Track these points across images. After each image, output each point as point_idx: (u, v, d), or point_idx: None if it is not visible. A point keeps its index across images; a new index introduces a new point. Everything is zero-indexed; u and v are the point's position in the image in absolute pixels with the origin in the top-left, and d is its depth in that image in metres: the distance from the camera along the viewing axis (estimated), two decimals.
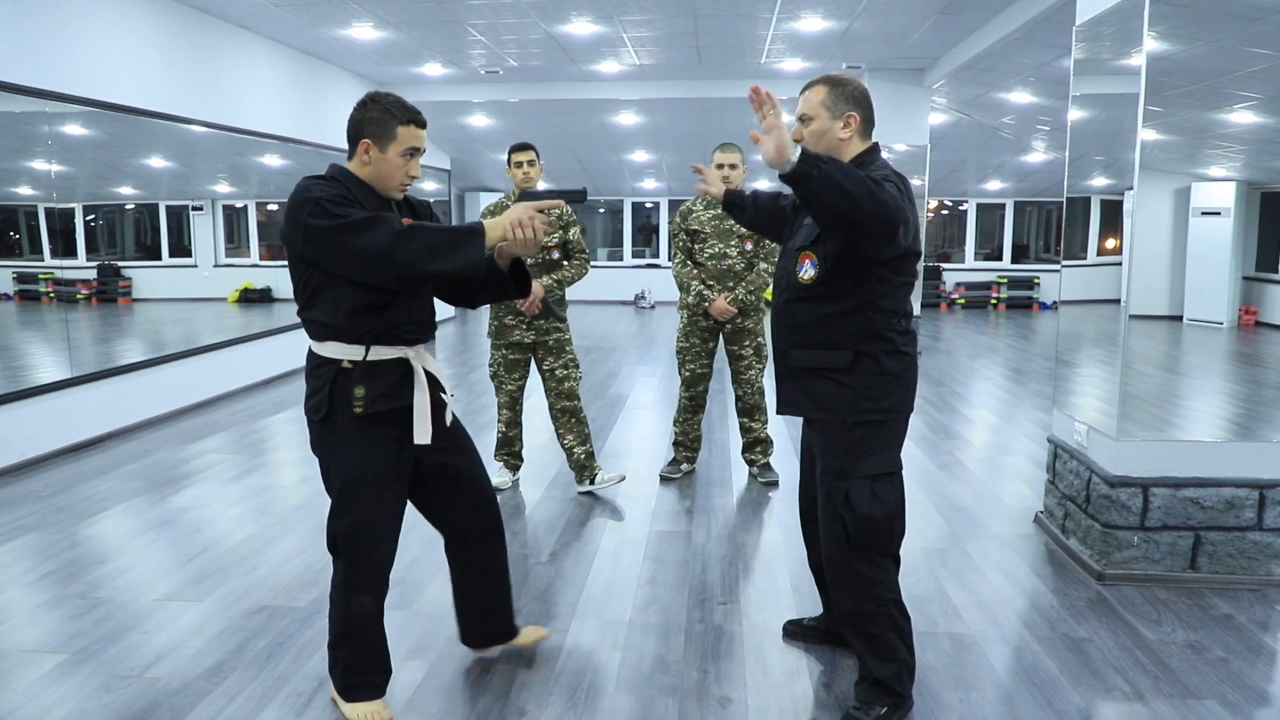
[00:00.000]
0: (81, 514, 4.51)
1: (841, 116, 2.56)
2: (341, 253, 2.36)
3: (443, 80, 10.50)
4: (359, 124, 2.48)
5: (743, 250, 4.77)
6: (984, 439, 6.20)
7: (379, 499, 2.58)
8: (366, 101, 2.50)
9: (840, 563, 2.59)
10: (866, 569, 2.57)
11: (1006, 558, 3.97)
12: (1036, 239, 15.87)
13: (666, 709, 2.74)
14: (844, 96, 2.56)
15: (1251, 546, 3.63)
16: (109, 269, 7.43)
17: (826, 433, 2.60)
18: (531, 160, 4.63)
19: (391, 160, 2.49)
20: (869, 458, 2.54)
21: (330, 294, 2.47)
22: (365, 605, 2.62)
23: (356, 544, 2.58)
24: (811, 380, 2.59)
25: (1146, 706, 2.75)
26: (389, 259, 2.34)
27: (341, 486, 2.56)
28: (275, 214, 9.99)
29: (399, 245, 2.33)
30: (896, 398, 2.57)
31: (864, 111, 2.58)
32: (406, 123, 2.47)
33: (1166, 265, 3.98)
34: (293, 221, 2.39)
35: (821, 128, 2.55)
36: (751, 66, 9.71)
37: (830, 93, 2.56)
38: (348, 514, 2.56)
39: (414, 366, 2.58)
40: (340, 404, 2.50)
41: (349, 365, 2.49)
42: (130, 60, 6.42)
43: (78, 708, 2.72)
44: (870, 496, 2.54)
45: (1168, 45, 3.52)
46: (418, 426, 2.57)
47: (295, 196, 2.41)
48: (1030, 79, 9.18)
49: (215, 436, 6.14)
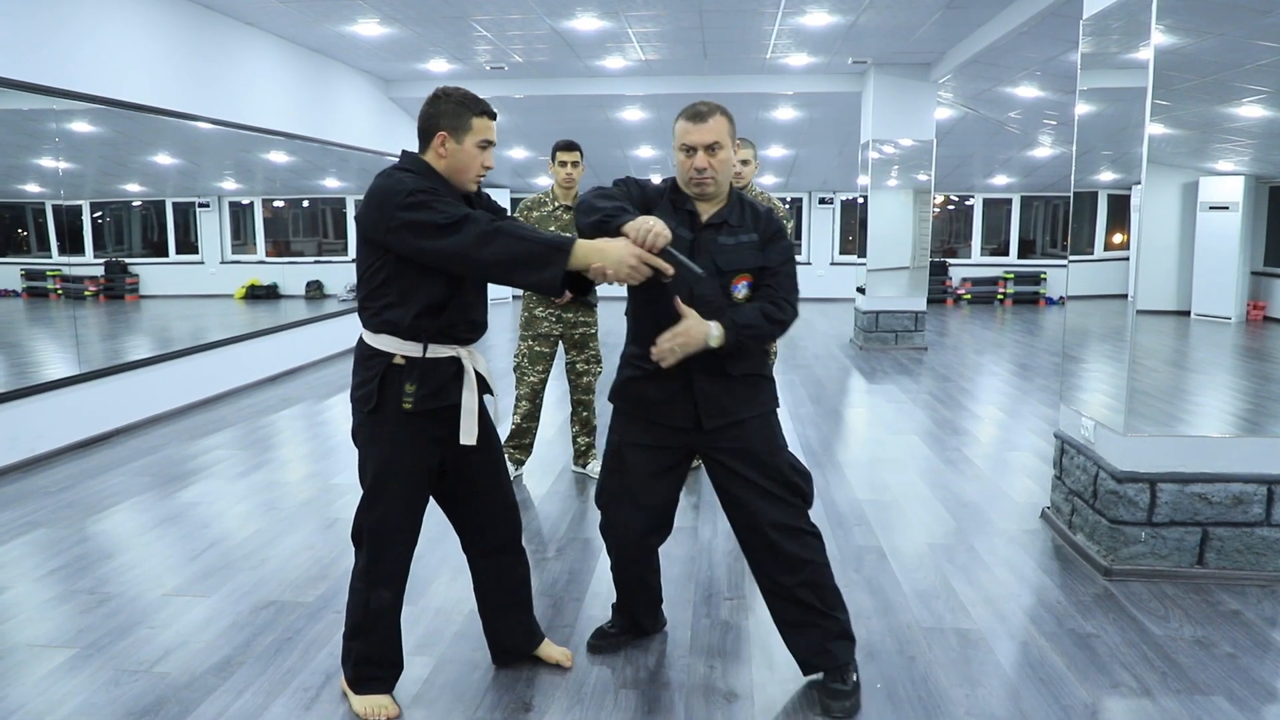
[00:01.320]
0: (89, 509, 4.53)
1: (734, 146, 2.73)
2: (427, 248, 2.36)
3: (448, 76, 10.50)
4: (433, 117, 2.50)
5: None
6: (990, 434, 6.19)
7: (407, 495, 2.61)
8: (439, 95, 2.52)
9: (793, 531, 2.74)
10: (811, 525, 2.79)
11: (1013, 553, 3.96)
12: (1043, 234, 15.82)
13: (673, 704, 2.75)
14: (734, 127, 2.71)
15: (1259, 542, 3.62)
16: (116, 265, 7.46)
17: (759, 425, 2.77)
18: (576, 161, 4.74)
19: (468, 151, 2.51)
20: (779, 434, 2.83)
21: (398, 287, 2.47)
22: (384, 600, 2.63)
23: (380, 538, 2.59)
24: (742, 385, 2.73)
25: (1154, 702, 2.75)
26: (474, 262, 2.36)
27: (374, 479, 2.57)
28: (281, 210, 10.01)
29: (485, 248, 2.34)
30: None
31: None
32: (480, 114, 2.51)
33: (1174, 260, 3.97)
34: (380, 211, 2.39)
35: (728, 156, 2.65)
36: (757, 61, 9.69)
37: (730, 122, 2.67)
38: (376, 507, 2.58)
39: (465, 366, 2.58)
40: (389, 398, 2.50)
41: (401, 361, 2.49)
42: (137, 57, 6.43)
43: (86, 702, 2.74)
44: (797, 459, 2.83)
45: (1176, 39, 3.51)
46: (465, 427, 2.58)
47: (386, 186, 2.41)
48: (1037, 73, 9.15)
49: (222, 432, 6.16)
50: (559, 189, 4.78)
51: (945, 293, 15.30)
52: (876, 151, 10.12)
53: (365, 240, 2.49)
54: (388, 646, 2.70)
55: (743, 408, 2.73)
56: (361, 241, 2.51)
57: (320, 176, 10.52)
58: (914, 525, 4.31)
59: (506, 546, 2.83)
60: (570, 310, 4.83)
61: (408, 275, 2.47)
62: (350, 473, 5.13)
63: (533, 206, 4.82)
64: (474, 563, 2.86)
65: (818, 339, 11.01)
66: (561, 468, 5.24)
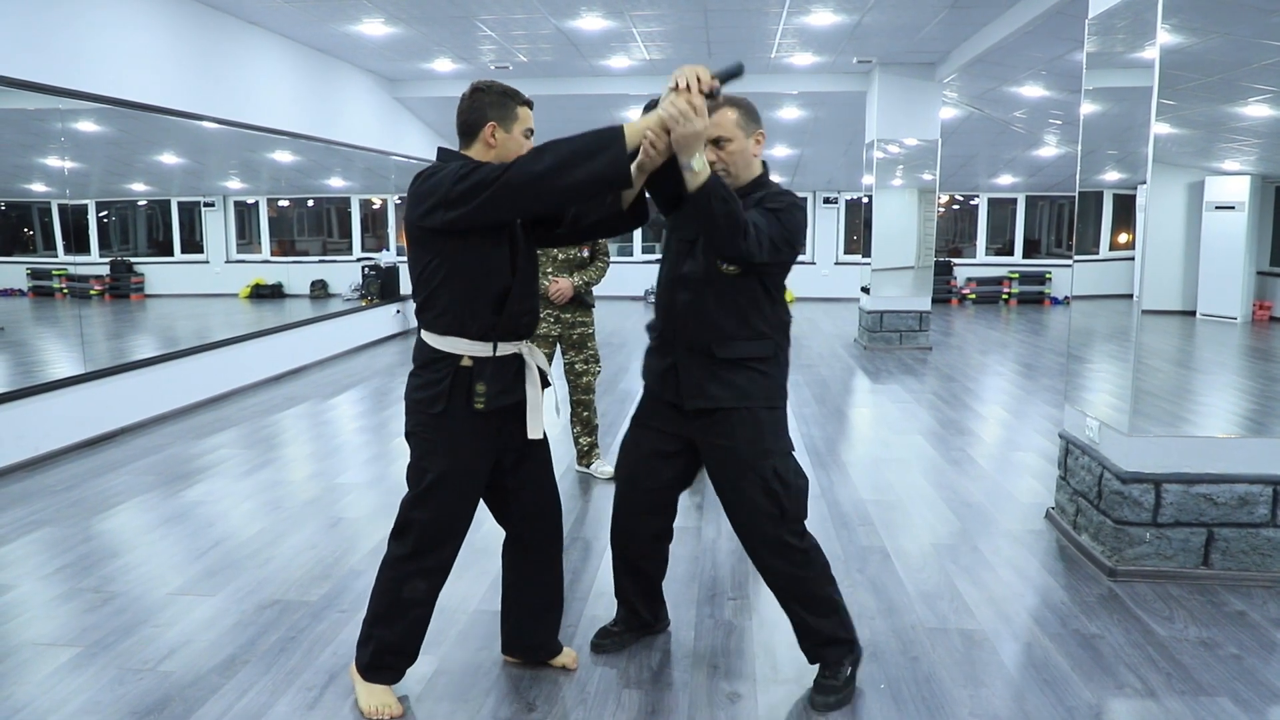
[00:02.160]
0: (95, 508, 4.54)
1: (753, 135, 2.68)
2: (487, 200, 2.33)
3: (453, 75, 10.51)
4: (479, 109, 2.53)
5: None
6: (995, 434, 6.18)
7: (467, 495, 2.63)
8: (480, 88, 2.55)
9: (772, 538, 2.70)
10: (798, 540, 2.71)
11: (1017, 553, 3.95)
12: (1048, 234, 15.79)
13: (676, 704, 2.75)
14: (751, 117, 2.68)
15: (1265, 543, 3.60)
16: (121, 265, 7.49)
17: (737, 423, 2.67)
18: None
19: (516, 139, 2.54)
20: (779, 439, 2.71)
21: (460, 284, 2.48)
22: (419, 591, 2.64)
23: (435, 535, 2.60)
24: (728, 370, 2.67)
25: (1158, 703, 2.74)
26: (535, 178, 2.31)
27: (438, 478, 2.56)
28: (286, 210, 10.03)
29: (539, 163, 2.31)
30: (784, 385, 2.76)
31: (762, 128, 2.73)
32: (522, 104, 2.57)
33: (1180, 260, 3.96)
34: (433, 193, 2.39)
35: (739, 147, 2.65)
36: (762, 61, 9.68)
37: (741, 113, 2.65)
38: (434, 504, 2.58)
39: (527, 361, 2.61)
40: (458, 399, 2.51)
41: (469, 362, 2.51)
42: (142, 57, 6.44)
43: (91, 700, 2.74)
44: (793, 470, 2.70)
45: (1181, 38, 3.50)
46: (532, 421, 2.61)
47: (435, 174, 2.42)
48: (1042, 73, 9.13)
49: (227, 431, 6.17)
50: None
51: (950, 292, 15.27)
52: (881, 151, 10.11)
53: (420, 235, 2.48)
54: (410, 637, 2.70)
55: (726, 395, 2.66)
56: (415, 241, 2.51)
57: (325, 176, 10.55)
58: (918, 525, 4.30)
59: (548, 542, 2.84)
60: (568, 311, 4.84)
61: (468, 270, 2.48)
62: (354, 472, 5.15)
63: None
64: (513, 557, 2.85)
65: (822, 339, 11.00)
66: (564, 468, 5.24)
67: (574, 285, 4.76)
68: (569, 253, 4.78)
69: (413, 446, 2.62)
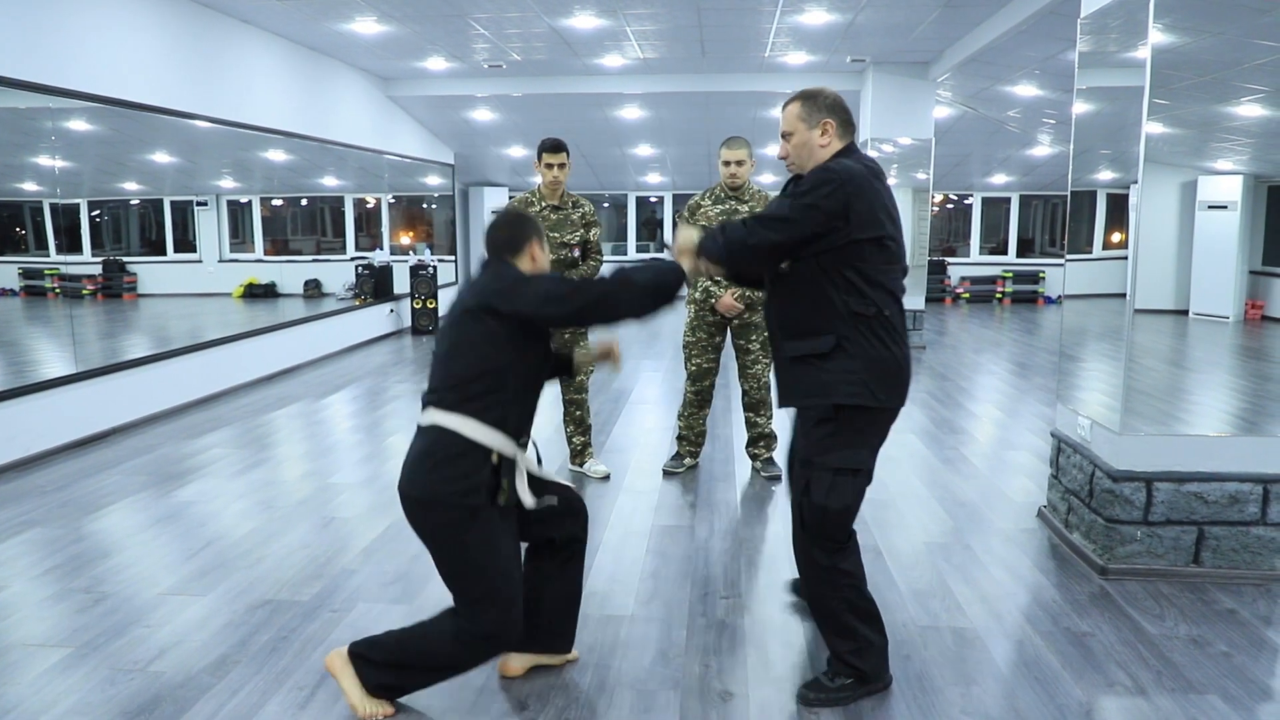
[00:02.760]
0: (86, 509, 4.52)
1: (819, 124, 2.72)
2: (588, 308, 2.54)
3: (446, 74, 10.49)
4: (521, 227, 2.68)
5: None
6: (988, 433, 6.19)
7: (519, 573, 2.64)
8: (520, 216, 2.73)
9: (800, 547, 2.76)
10: (821, 556, 2.69)
11: (1009, 552, 3.96)
12: (1042, 233, 15.82)
13: (668, 703, 2.75)
14: (818, 106, 2.72)
15: (1255, 541, 3.62)
16: (114, 264, 7.46)
17: (805, 421, 2.72)
18: (563, 163, 4.72)
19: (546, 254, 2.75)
20: (836, 451, 2.63)
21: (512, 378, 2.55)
22: (477, 661, 2.67)
23: (506, 620, 2.57)
24: (798, 368, 2.67)
25: (1148, 701, 2.75)
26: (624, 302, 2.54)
27: (497, 577, 2.54)
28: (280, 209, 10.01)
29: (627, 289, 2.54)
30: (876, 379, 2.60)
31: (839, 116, 2.73)
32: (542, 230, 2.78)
33: (1172, 259, 3.97)
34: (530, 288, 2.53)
35: (801, 139, 2.74)
36: (755, 60, 9.69)
37: (804, 105, 2.73)
38: (502, 598, 2.55)
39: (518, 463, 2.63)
40: (487, 496, 2.52)
41: (496, 460, 2.53)
42: (134, 55, 6.42)
43: (82, 701, 2.73)
44: (828, 488, 2.63)
45: (1174, 37, 3.50)
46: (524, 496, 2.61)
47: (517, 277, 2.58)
48: (1036, 72, 9.14)
49: (219, 431, 6.16)
50: (546, 189, 4.76)
51: (944, 291, 15.29)
52: (875, 150, 10.11)
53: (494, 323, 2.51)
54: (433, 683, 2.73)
55: (797, 394, 2.70)
56: (477, 319, 2.53)
57: (319, 175, 10.52)
58: (911, 524, 4.31)
59: (578, 538, 2.89)
60: None
61: (524, 365, 2.57)
62: (347, 471, 5.14)
63: (520, 207, 4.80)
64: (541, 559, 2.87)
65: None
66: (556, 467, 5.24)
67: None
68: (560, 253, 4.76)
69: (431, 533, 2.59)
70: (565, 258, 4.79)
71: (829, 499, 2.63)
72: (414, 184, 12.57)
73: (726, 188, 4.75)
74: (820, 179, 2.56)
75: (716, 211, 4.75)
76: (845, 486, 2.64)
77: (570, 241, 4.79)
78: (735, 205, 4.72)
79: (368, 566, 3.78)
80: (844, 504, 2.65)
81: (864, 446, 2.68)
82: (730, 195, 4.74)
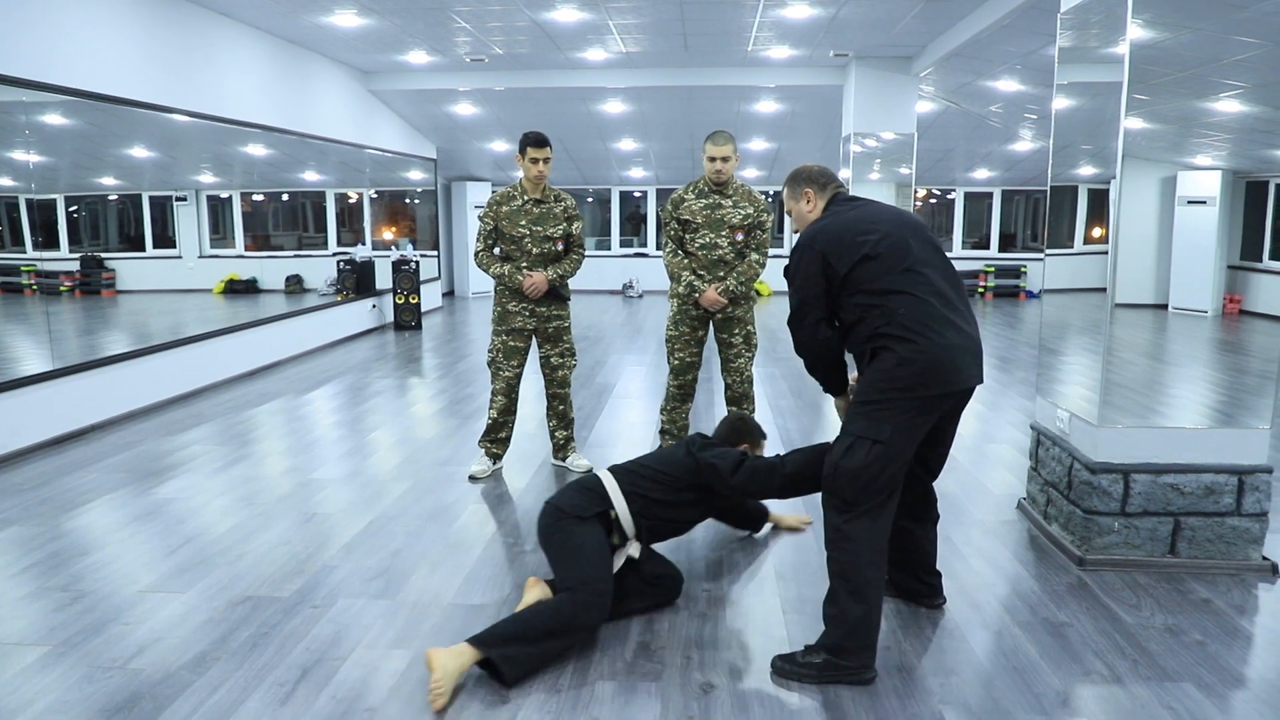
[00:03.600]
0: (64, 506, 4.49)
1: (802, 196, 3.22)
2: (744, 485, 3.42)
3: (427, 68, 10.45)
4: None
5: (733, 240, 4.75)
6: (970, 427, 6.22)
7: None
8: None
9: (824, 506, 2.97)
10: (832, 515, 2.91)
11: (989, 543, 3.99)
12: (1024, 228, 15.91)
13: (649, 695, 2.75)
14: (796, 182, 3.24)
15: (1230, 532, 3.65)
16: (92, 260, 7.39)
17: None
18: (548, 158, 4.70)
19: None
20: (859, 421, 2.89)
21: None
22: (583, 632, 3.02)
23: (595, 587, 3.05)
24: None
25: (1124, 689, 2.77)
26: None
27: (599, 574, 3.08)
28: (260, 204, 9.95)
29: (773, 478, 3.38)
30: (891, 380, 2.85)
31: (816, 182, 3.21)
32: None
33: (1152, 254, 3.99)
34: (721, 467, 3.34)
35: (795, 210, 3.26)
36: (739, 54, 9.69)
37: (787, 188, 3.28)
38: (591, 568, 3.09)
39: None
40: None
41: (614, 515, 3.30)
42: (110, 48, 6.37)
43: (60, 699, 2.72)
44: (846, 449, 2.87)
45: (1153, 33, 3.52)
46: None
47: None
48: (1017, 67, 9.18)
49: (200, 428, 6.12)
50: (528, 183, 4.75)
51: None
52: (858, 145, 10.14)
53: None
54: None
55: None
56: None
57: (300, 170, 10.46)
58: None
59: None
60: (543, 304, 4.82)
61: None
62: (329, 467, 5.12)
63: (502, 201, 4.78)
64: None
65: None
66: (540, 462, 5.24)
67: (549, 278, 4.74)
68: (543, 246, 4.76)
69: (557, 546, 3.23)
70: (548, 251, 4.78)
71: (843, 459, 2.86)
72: (396, 179, 12.51)
73: (710, 182, 4.75)
74: (793, 258, 3.07)
75: (700, 206, 4.74)
76: (861, 450, 2.83)
77: (553, 235, 4.78)
78: (719, 200, 4.72)
79: (349, 562, 3.77)
80: (856, 465, 2.83)
81: (887, 422, 2.84)
82: (714, 190, 4.75)
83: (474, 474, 4.93)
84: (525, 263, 4.76)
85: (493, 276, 4.80)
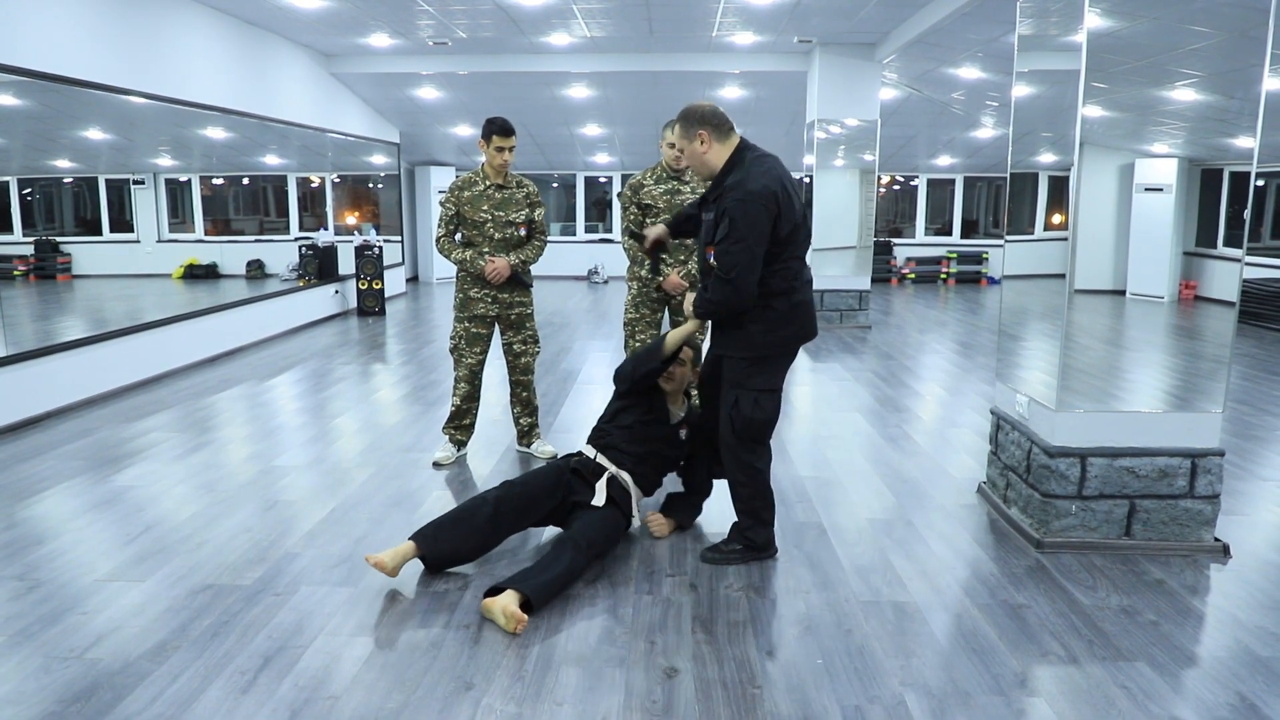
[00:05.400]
0: (19, 495, 4.41)
1: (695, 137, 3.32)
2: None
3: (390, 51, 10.33)
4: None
5: None
6: (932, 412, 6.29)
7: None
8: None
9: (728, 446, 3.56)
10: (745, 454, 3.54)
11: (950, 527, 4.04)
12: (985, 214, 16.07)
13: (613, 680, 2.77)
14: (690, 122, 3.33)
15: (1183, 514, 3.73)
16: (47, 244, 7.25)
17: (731, 360, 3.49)
18: (513, 146, 4.66)
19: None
20: (757, 377, 3.43)
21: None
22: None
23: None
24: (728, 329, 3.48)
25: (1080, 669, 2.83)
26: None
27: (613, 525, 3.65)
28: (221, 188, 9.80)
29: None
30: (779, 338, 3.41)
31: (712, 123, 3.30)
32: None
33: (1111, 240, 4.04)
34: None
35: (687, 150, 3.37)
36: (703, 39, 9.68)
37: (680, 125, 3.38)
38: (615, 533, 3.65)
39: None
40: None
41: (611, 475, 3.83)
42: (62, 28, 6.22)
43: (15, 690, 2.68)
44: (753, 403, 3.44)
45: (1111, 21, 3.57)
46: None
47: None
48: (979, 54, 9.26)
49: (159, 415, 6.03)
50: (490, 169, 4.72)
51: (890, 272, 15.48)
52: (822, 131, 10.18)
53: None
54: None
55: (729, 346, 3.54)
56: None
57: (260, 153, 10.31)
58: (854, 501, 4.38)
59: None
60: (506, 291, 4.80)
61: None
62: (292, 454, 5.08)
63: (464, 186, 4.74)
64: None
65: None
66: (504, 448, 5.22)
67: (511, 264, 4.72)
68: (505, 232, 4.73)
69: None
70: (510, 237, 4.76)
71: (754, 411, 3.44)
72: (359, 163, 12.36)
73: (669, 167, 4.75)
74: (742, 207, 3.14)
75: (660, 191, 4.74)
76: (767, 401, 3.46)
77: (516, 220, 4.76)
78: (677, 185, 4.72)
79: (311, 550, 3.74)
80: (766, 416, 3.48)
81: (778, 373, 3.48)
82: (673, 176, 4.75)
83: (438, 460, 4.91)
84: (487, 248, 4.73)
85: (454, 262, 4.77)
